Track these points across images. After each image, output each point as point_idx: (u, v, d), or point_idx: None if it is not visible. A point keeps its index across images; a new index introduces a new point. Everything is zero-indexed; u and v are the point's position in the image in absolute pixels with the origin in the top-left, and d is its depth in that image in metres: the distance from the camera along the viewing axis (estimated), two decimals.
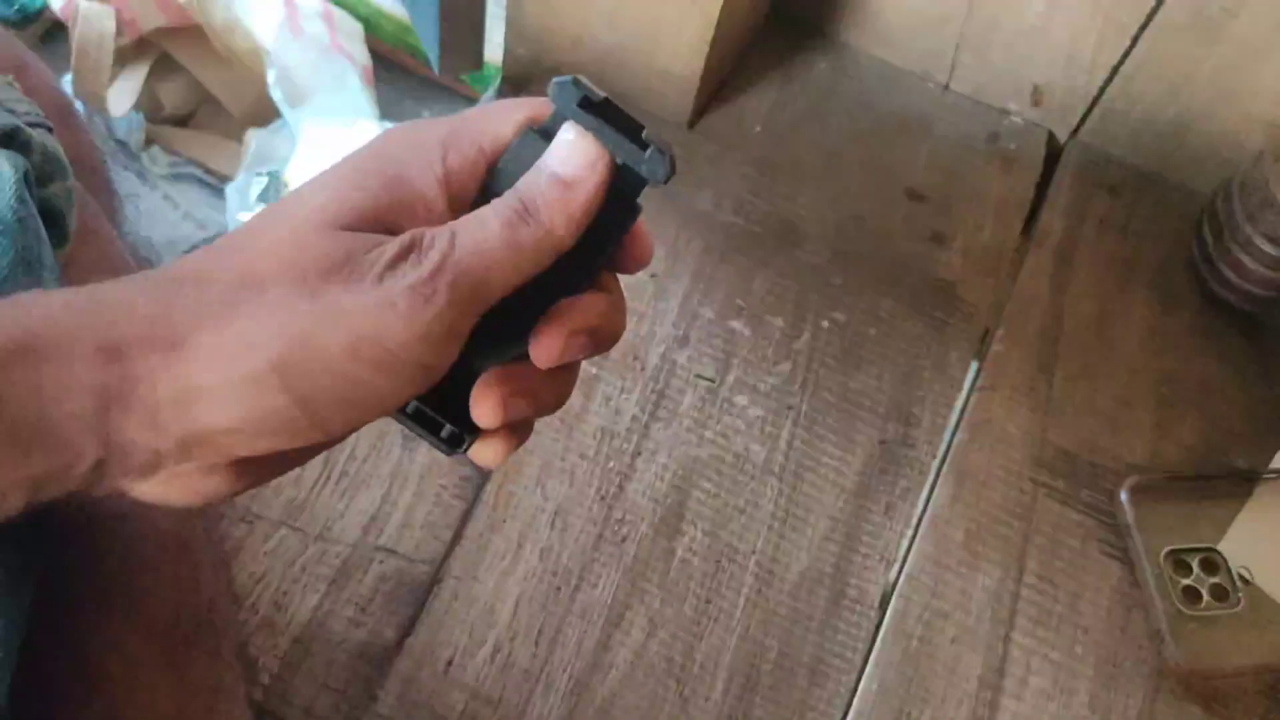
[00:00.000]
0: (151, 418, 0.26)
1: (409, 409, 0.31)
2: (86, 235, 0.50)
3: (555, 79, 0.31)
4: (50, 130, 0.42)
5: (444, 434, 0.32)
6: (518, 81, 0.75)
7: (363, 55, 1.03)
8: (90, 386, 0.25)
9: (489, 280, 0.28)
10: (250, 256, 0.28)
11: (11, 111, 0.41)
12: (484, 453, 0.33)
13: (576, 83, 0.30)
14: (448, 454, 0.32)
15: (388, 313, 0.27)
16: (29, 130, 0.40)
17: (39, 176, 0.40)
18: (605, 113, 0.31)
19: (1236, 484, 0.63)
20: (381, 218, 0.29)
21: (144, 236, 0.97)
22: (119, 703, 0.41)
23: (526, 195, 0.29)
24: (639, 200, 0.32)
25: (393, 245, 0.28)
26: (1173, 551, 0.59)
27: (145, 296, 0.27)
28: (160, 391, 0.26)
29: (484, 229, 0.29)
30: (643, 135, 0.31)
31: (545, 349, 0.30)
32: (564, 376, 0.33)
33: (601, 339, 0.32)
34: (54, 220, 0.42)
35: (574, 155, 0.30)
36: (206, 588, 0.47)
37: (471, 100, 1.09)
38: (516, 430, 0.33)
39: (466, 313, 0.28)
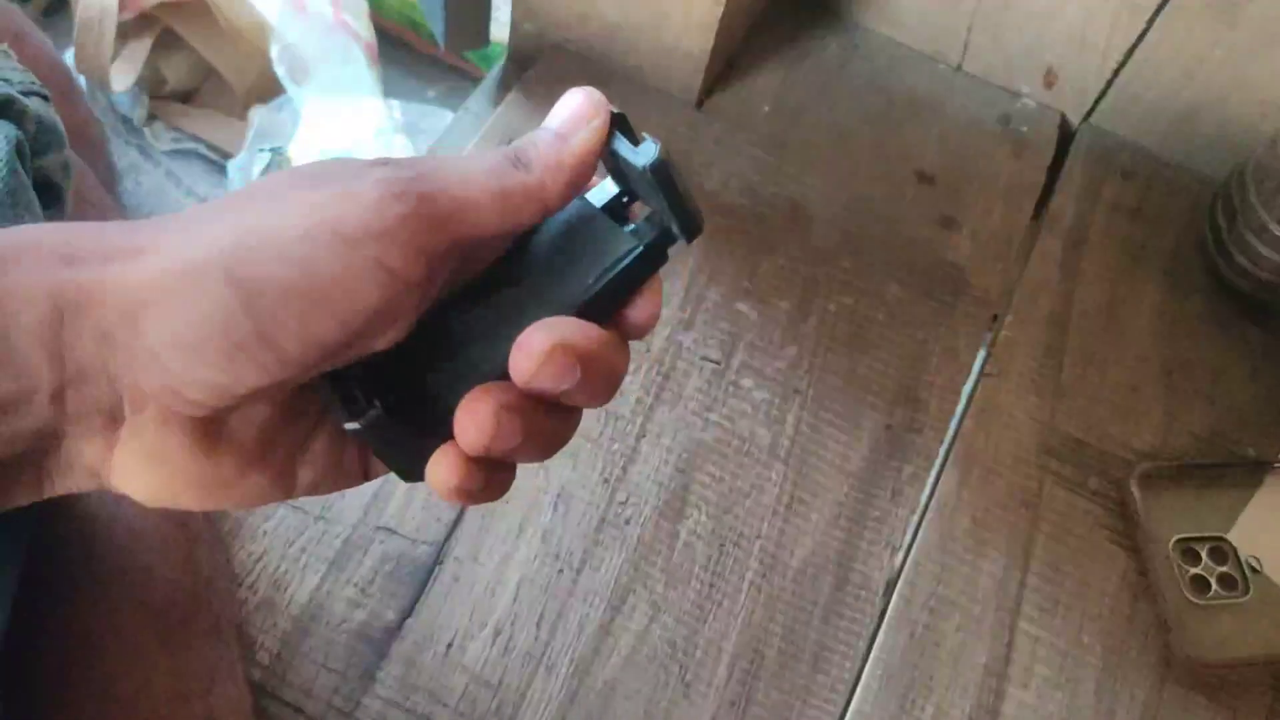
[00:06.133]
0: (102, 331, 0.23)
1: (368, 418, 0.28)
2: (83, 207, 0.49)
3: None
4: (47, 99, 0.42)
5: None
6: (524, 59, 0.74)
7: (367, 31, 1.02)
8: (47, 292, 0.23)
9: (465, 213, 0.26)
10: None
11: (6, 81, 0.40)
12: (440, 472, 0.28)
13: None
14: (406, 477, 0.29)
15: (350, 201, 0.25)
16: (23, 100, 0.39)
17: (34, 147, 0.39)
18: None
19: (1247, 473, 0.62)
20: None
21: (146, 213, 0.96)
22: (115, 681, 0.40)
23: (521, 146, 0.28)
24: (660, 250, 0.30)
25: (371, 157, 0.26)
26: (1181, 540, 0.58)
27: (120, 224, 0.25)
28: (109, 299, 0.23)
29: (472, 164, 0.27)
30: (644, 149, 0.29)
31: (525, 353, 0.26)
32: (560, 416, 0.29)
33: (592, 375, 0.27)
34: (50, 191, 0.41)
35: (570, 110, 0.29)
36: (204, 566, 0.46)
37: (477, 79, 1.07)
38: (493, 473, 0.28)
39: (436, 235, 0.26)
